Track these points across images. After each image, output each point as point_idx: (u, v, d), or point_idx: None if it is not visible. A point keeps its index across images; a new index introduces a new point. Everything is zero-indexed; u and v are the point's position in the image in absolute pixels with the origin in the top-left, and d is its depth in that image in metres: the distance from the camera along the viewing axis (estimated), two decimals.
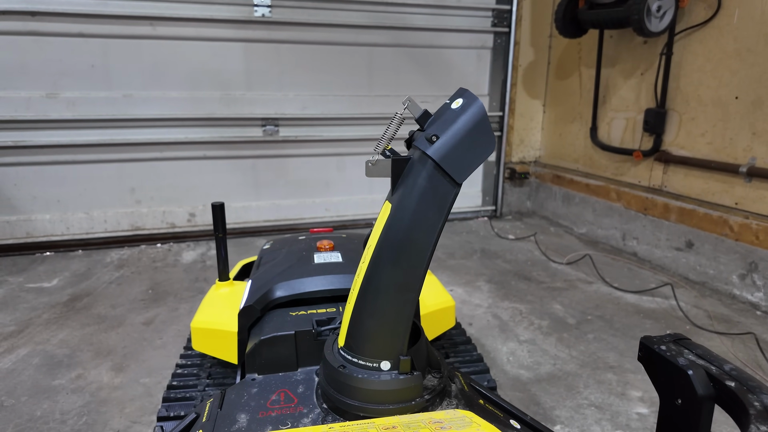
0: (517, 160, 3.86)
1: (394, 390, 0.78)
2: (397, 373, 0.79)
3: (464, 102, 0.75)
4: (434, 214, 0.74)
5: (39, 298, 2.29)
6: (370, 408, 0.78)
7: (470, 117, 0.73)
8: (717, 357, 0.69)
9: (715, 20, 2.40)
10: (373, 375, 0.79)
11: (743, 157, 2.33)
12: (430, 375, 0.84)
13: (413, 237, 0.75)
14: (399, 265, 0.76)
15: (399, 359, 0.78)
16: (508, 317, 2.14)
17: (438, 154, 0.73)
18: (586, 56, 3.29)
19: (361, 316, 0.80)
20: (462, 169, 0.74)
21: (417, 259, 0.76)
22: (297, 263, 1.26)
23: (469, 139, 0.73)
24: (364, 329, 0.80)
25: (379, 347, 0.79)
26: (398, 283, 0.77)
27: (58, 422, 1.45)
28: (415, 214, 0.74)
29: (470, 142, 0.73)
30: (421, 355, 0.82)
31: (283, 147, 3.25)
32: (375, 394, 0.78)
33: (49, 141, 2.81)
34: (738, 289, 2.32)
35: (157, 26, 2.84)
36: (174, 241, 3.14)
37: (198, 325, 1.18)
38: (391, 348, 0.79)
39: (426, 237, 0.75)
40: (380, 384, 0.78)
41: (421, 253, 0.76)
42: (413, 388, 0.79)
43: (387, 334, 0.79)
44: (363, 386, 0.78)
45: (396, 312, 0.78)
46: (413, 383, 0.78)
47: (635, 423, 1.47)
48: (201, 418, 0.85)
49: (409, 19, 3.27)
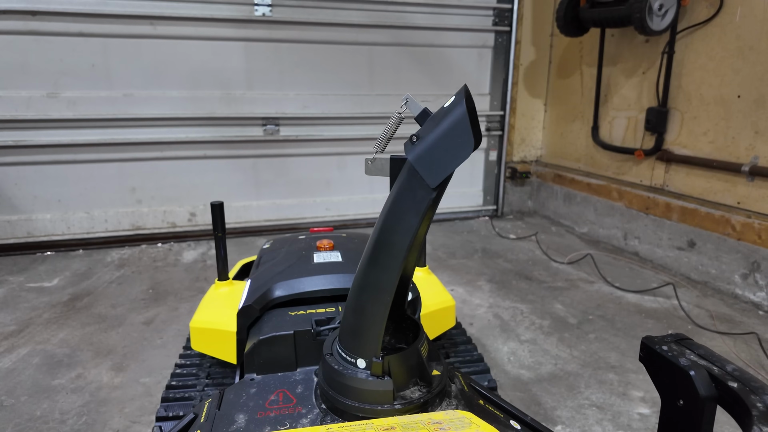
0: (519, 159, 3.85)
1: (363, 390, 0.78)
2: (369, 374, 0.79)
3: (453, 101, 0.70)
4: (411, 218, 0.71)
5: (39, 297, 2.29)
6: (368, 408, 0.77)
7: (452, 117, 0.67)
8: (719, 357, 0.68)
9: (717, 18, 2.39)
10: (348, 370, 0.79)
11: (745, 156, 2.32)
12: (416, 387, 0.80)
13: (390, 239, 0.73)
14: (376, 265, 0.75)
15: (372, 360, 0.78)
16: (509, 317, 2.13)
17: (413, 155, 0.69)
18: (588, 55, 3.27)
19: (346, 311, 0.81)
20: (434, 172, 0.68)
21: (391, 262, 0.74)
22: (296, 263, 1.25)
23: (445, 140, 0.67)
24: (347, 324, 0.81)
25: (356, 344, 0.80)
26: (373, 283, 0.76)
27: (57, 422, 1.45)
28: (394, 216, 0.72)
29: (446, 144, 0.67)
30: (406, 364, 0.80)
31: (284, 146, 3.25)
32: (349, 389, 0.79)
33: (50, 140, 2.81)
34: (740, 288, 2.31)
35: (158, 25, 2.84)
36: (175, 240, 3.14)
37: (197, 325, 1.18)
38: (366, 347, 0.79)
39: (401, 240, 0.72)
40: (353, 380, 0.79)
41: (396, 256, 0.73)
42: (381, 393, 0.78)
43: (362, 332, 0.79)
44: (340, 379, 0.79)
45: (371, 312, 0.77)
46: (381, 387, 0.78)
47: (636, 423, 1.46)
48: (199, 419, 0.84)
49: (410, 18, 3.26)
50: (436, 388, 0.82)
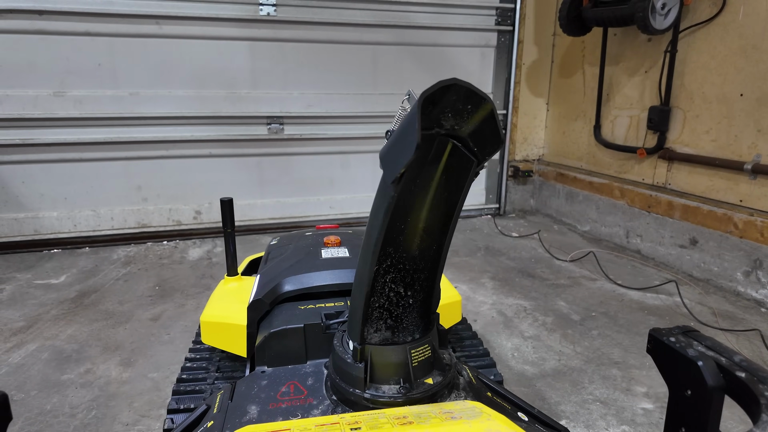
0: (521, 158, 3.86)
1: (341, 369, 0.83)
2: (351, 356, 0.82)
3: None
4: (380, 213, 0.71)
5: (47, 294, 2.31)
6: (379, 399, 0.79)
7: (408, 114, 0.64)
8: (726, 348, 0.69)
9: (720, 17, 2.40)
10: (347, 355, 0.84)
11: (748, 154, 2.33)
12: (399, 386, 0.80)
13: (367, 233, 0.75)
14: (360, 258, 0.79)
15: (356, 346, 0.81)
16: (512, 314, 2.15)
17: (381, 151, 0.69)
18: (590, 54, 3.29)
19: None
20: (390, 168, 0.66)
21: (367, 257, 0.75)
22: (305, 258, 1.27)
23: (400, 136, 0.66)
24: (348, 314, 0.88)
25: (348, 330, 0.85)
26: (357, 273, 0.81)
27: (67, 416, 1.47)
28: (372, 212, 0.74)
29: (400, 140, 0.65)
30: (386, 359, 0.81)
31: (288, 145, 3.26)
32: (336, 363, 0.85)
33: (57, 139, 2.83)
34: (742, 286, 2.32)
35: (164, 25, 2.85)
36: (180, 238, 3.16)
37: (207, 319, 1.19)
38: (352, 333, 0.83)
39: (373, 237, 0.73)
40: (339, 359, 0.84)
41: (368, 251, 0.74)
42: (354, 378, 0.81)
43: (350, 319, 0.85)
44: (342, 365, 0.83)
45: (354, 301, 0.82)
46: (354, 372, 0.81)
47: (640, 418, 1.48)
48: (212, 410, 0.86)
49: (414, 18, 3.27)
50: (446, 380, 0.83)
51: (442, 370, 0.84)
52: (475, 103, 0.67)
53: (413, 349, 0.81)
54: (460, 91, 0.64)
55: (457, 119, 0.68)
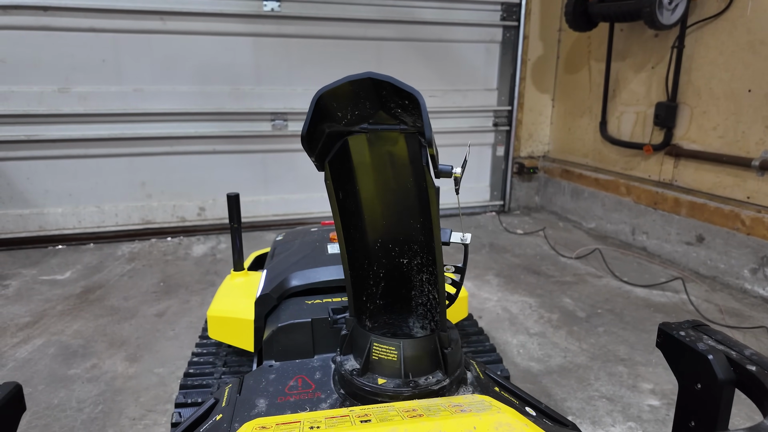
0: (526, 154, 3.85)
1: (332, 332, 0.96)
2: (344, 326, 0.90)
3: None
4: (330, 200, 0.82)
5: (53, 290, 2.32)
6: (386, 393, 0.79)
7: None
8: (736, 342, 0.69)
9: (728, 12, 2.38)
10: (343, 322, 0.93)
11: (756, 150, 2.31)
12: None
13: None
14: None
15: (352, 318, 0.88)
16: (517, 310, 2.14)
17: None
18: (596, 50, 3.27)
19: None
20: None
21: (340, 240, 0.84)
22: (311, 253, 1.27)
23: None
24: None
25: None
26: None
27: (74, 410, 1.47)
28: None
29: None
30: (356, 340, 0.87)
31: (292, 141, 3.26)
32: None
33: (61, 135, 2.83)
34: (749, 283, 2.31)
35: (168, 21, 2.85)
36: (184, 234, 3.17)
37: (215, 314, 1.20)
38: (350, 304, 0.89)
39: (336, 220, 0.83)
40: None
41: (339, 236, 0.83)
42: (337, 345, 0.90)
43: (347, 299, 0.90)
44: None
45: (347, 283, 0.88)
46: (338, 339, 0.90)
47: (647, 415, 1.47)
48: (220, 403, 0.86)
49: (418, 13, 3.26)
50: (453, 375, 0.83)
51: (450, 364, 0.84)
52: (364, 86, 0.68)
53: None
54: (346, 88, 0.69)
55: (359, 108, 0.72)
